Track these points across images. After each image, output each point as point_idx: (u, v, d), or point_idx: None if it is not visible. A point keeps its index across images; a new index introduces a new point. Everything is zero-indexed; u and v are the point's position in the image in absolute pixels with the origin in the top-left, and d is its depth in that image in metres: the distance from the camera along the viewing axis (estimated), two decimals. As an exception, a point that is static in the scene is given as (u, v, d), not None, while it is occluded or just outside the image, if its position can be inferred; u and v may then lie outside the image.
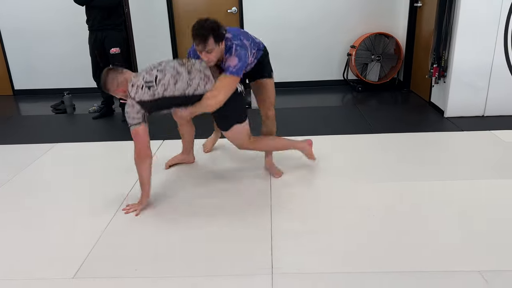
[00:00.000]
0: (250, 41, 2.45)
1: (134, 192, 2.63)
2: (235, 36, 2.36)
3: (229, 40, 2.33)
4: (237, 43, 2.32)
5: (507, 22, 3.52)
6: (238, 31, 2.44)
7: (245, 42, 2.37)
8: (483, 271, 1.81)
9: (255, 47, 2.53)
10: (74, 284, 1.85)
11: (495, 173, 2.73)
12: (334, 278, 1.82)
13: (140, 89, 2.26)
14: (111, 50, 4.01)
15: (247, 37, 2.44)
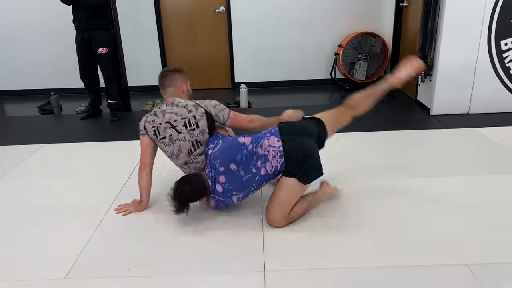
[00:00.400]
0: (250, 187, 2.15)
1: (124, 192, 2.63)
2: (224, 193, 2.14)
3: (216, 195, 2.17)
4: (223, 200, 2.17)
5: (490, 21, 3.59)
6: (234, 183, 2.13)
7: (233, 199, 2.17)
8: (470, 264, 1.86)
9: (264, 182, 2.17)
10: (66, 284, 1.84)
11: (480, 169, 2.79)
12: (324, 274, 1.84)
13: (152, 123, 2.29)
14: (99, 50, 3.98)
15: (245, 186, 2.13)
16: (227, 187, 2.14)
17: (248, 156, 2.13)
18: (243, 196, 2.19)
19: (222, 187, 2.14)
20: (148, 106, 4.56)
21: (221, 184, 2.14)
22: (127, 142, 3.52)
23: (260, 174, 2.12)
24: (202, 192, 2.17)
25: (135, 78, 5.13)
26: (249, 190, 2.18)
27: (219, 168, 2.14)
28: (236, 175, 2.12)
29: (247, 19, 5.11)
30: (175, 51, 5.32)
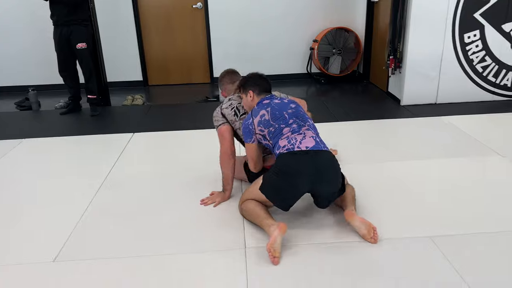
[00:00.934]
0: (275, 124, 2.18)
1: (107, 182, 2.71)
2: (266, 105, 2.25)
3: (258, 103, 2.31)
4: (255, 107, 2.30)
5: (454, 15, 3.81)
6: (284, 106, 2.24)
7: (260, 111, 2.24)
8: (434, 237, 2.03)
9: (272, 137, 2.19)
10: (55, 267, 1.92)
11: (445, 153, 2.99)
12: (302, 249, 1.98)
13: (230, 109, 2.42)
14: (78, 45, 4.01)
15: (276, 118, 2.19)
16: (271, 103, 2.26)
17: (304, 117, 2.25)
18: (266, 121, 2.19)
19: (269, 101, 2.27)
20: (127, 101, 4.62)
21: (272, 101, 2.27)
22: (108, 135, 3.58)
23: (285, 128, 2.15)
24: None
25: (114, 73, 5.17)
26: (273, 125, 2.17)
27: (286, 98, 2.36)
28: (287, 106, 2.25)
29: (224, 15, 5.21)
30: (153, 47, 5.38)
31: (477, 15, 3.82)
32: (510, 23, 3.85)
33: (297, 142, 2.10)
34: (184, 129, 3.64)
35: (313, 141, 2.12)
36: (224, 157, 2.38)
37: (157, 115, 4.16)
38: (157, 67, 5.47)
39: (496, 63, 4.00)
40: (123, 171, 2.88)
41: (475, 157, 2.92)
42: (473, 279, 1.74)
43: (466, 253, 1.91)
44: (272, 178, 2.10)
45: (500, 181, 2.58)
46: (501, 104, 4.08)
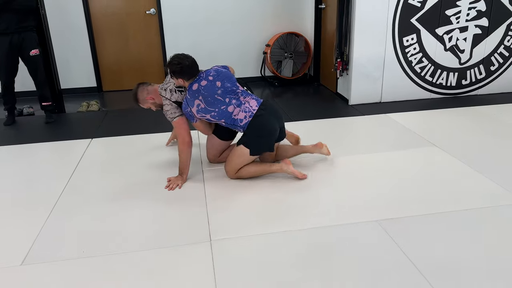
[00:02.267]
0: (213, 110, 2.58)
1: (70, 186, 2.73)
2: (194, 92, 2.57)
3: (188, 91, 2.61)
4: (187, 97, 2.60)
5: (393, 21, 4.14)
6: (209, 92, 2.57)
7: (195, 102, 2.56)
8: (380, 220, 2.26)
9: (222, 119, 2.63)
10: (23, 270, 1.95)
11: (391, 147, 3.27)
12: (258, 238, 2.14)
13: (174, 92, 2.69)
14: (32, 51, 3.95)
15: (212, 104, 2.57)
16: (198, 89, 2.57)
17: (233, 89, 2.63)
18: (204, 110, 2.58)
19: (198, 87, 2.58)
20: (83, 107, 4.59)
21: (200, 85, 2.59)
22: (66, 142, 3.57)
23: (227, 108, 2.60)
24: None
25: (67, 80, 5.11)
26: (210, 110, 2.59)
27: (210, 74, 2.63)
28: (215, 87, 2.59)
29: (178, 20, 5.30)
30: (106, 53, 5.35)
31: (414, 20, 4.17)
32: (442, 27, 4.24)
33: (250, 107, 2.61)
34: (142, 133, 3.70)
35: (255, 100, 2.65)
36: (184, 146, 2.68)
37: (115, 120, 4.17)
38: (111, 73, 5.45)
39: (432, 64, 4.38)
40: (85, 174, 2.91)
41: (416, 149, 3.21)
42: (418, 257, 1.95)
43: (410, 234, 2.14)
44: (256, 141, 2.64)
45: (437, 169, 2.88)
46: (438, 101, 4.47)
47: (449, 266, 1.89)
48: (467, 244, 2.05)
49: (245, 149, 2.64)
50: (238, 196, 2.57)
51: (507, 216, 2.28)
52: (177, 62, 2.57)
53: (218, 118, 2.63)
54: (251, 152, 2.64)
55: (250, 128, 2.61)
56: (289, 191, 2.61)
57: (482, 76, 4.54)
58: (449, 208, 2.37)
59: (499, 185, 2.60)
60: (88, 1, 5.10)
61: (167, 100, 2.70)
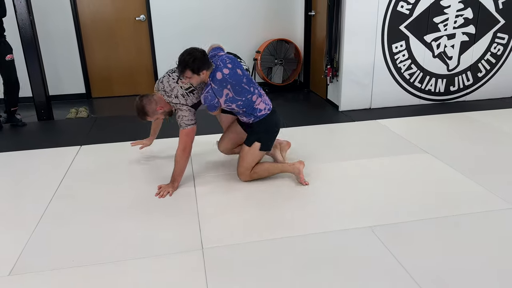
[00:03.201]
0: (241, 98, 2.54)
1: (58, 194, 2.69)
2: (221, 81, 2.48)
3: (212, 80, 2.49)
4: (215, 87, 2.48)
5: (382, 27, 4.18)
6: (235, 80, 2.51)
7: (224, 92, 2.49)
8: (373, 226, 2.26)
9: (244, 108, 2.60)
10: (12, 280, 1.90)
11: (381, 153, 3.28)
12: (250, 246, 2.12)
13: (187, 95, 2.61)
14: (7, 56, 4.03)
15: (240, 92, 2.53)
16: (226, 78, 2.50)
17: (251, 78, 2.66)
18: (231, 99, 2.54)
19: (222, 75, 2.50)
20: (71, 114, 4.53)
21: (224, 74, 2.51)
22: (54, 149, 3.52)
23: (252, 96, 2.61)
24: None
25: (55, 86, 5.05)
26: (238, 99, 2.55)
27: (227, 63, 2.55)
28: (239, 76, 2.56)
29: (168, 26, 5.28)
30: (96, 59, 5.31)
31: (402, 28, 4.22)
32: (430, 34, 4.30)
33: (268, 100, 2.73)
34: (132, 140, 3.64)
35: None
36: (184, 155, 2.64)
37: (104, 127, 4.13)
38: (101, 79, 5.40)
39: (420, 71, 4.43)
40: (74, 181, 2.87)
41: (407, 155, 3.23)
42: (409, 263, 1.96)
43: (403, 241, 2.14)
44: (267, 136, 2.73)
45: (428, 175, 2.90)
46: (427, 107, 4.52)
47: (442, 273, 1.89)
48: (460, 251, 2.06)
49: (257, 144, 2.68)
50: (230, 203, 2.56)
51: (497, 222, 2.31)
52: (193, 58, 2.39)
53: (242, 107, 2.60)
54: (262, 147, 2.69)
55: (264, 123, 2.68)
56: (281, 198, 2.60)
57: (469, 83, 4.60)
58: (441, 214, 2.38)
59: (489, 191, 2.62)
60: (77, 7, 5.07)
61: (184, 106, 2.60)
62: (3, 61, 4.01)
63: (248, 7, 5.40)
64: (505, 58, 4.57)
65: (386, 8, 4.11)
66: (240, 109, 2.62)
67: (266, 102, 2.71)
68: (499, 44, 4.49)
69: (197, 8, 5.28)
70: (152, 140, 3.22)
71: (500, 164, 3.04)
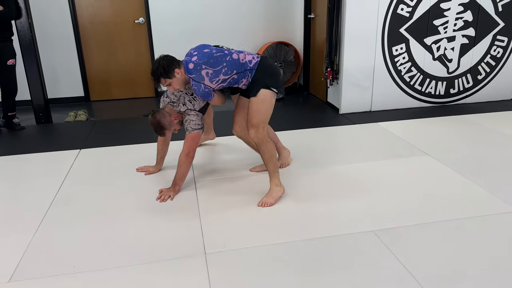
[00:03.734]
0: (221, 66, 2.41)
1: (58, 197, 2.66)
2: (195, 68, 2.40)
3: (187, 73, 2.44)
4: (193, 76, 2.41)
5: (383, 31, 4.18)
6: (205, 58, 2.41)
7: (203, 74, 2.40)
8: (376, 230, 2.24)
9: (234, 69, 2.46)
10: (12, 287, 1.87)
11: (383, 156, 3.26)
12: (254, 250, 2.10)
13: (194, 100, 2.64)
14: (9, 61, 4.00)
15: (216, 63, 2.41)
16: (197, 62, 2.40)
17: (222, 47, 2.54)
18: (214, 73, 2.41)
19: (193, 63, 2.40)
20: (70, 117, 4.51)
21: (193, 61, 2.41)
22: (53, 153, 3.49)
23: (231, 56, 2.45)
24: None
25: (53, 89, 5.03)
26: (219, 69, 2.41)
27: (193, 53, 2.47)
28: (206, 53, 2.44)
29: (168, 29, 5.27)
30: (94, 62, 5.29)
31: (402, 30, 4.22)
32: (430, 37, 4.30)
33: (252, 53, 2.58)
34: (132, 144, 3.64)
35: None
36: (188, 159, 2.64)
37: (104, 131, 4.10)
38: (99, 82, 5.38)
39: (421, 73, 4.43)
40: (74, 186, 2.85)
41: (409, 158, 3.21)
42: (416, 267, 1.94)
43: (407, 244, 2.12)
44: (271, 79, 2.52)
45: (430, 178, 2.88)
46: (427, 109, 4.51)
47: (448, 276, 1.88)
48: (465, 254, 2.05)
49: (265, 91, 2.47)
50: (232, 207, 2.53)
51: (501, 225, 2.29)
52: (157, 66, 2.42)
53: (230, 71, 2.44)
54: (276, 91, 2.51)
55: (262, 69, 2.49)
56: (284, 202, 2.58)
57: (469, 85, 4.60)
58: (445, 217, 2.37)
59: (492, 194, 2.61)
60: (76, 10, 5.05)
61: (192, 111, 2.63)
62: (5, 65, 3.98)
63: (247, 10, 5.40)
64: (505, 61, 4.57)
65: (386, 11, 4.11)
66: (231, 75, 2.46)
67: (250, 54, 2.54)
68: (498, 46, 4.49)
69: (197, 11, 5.27)
70: (158, 168, 3.05)
71: (501, 166, 3.03)
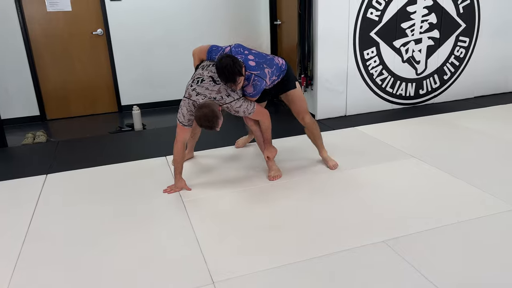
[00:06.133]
0: (274, 68, 2.74)
1: (33, 229, 2.36)
2: (257, 65, 2.66)
3: (250, 70, 2.64)
4: (258, 73, 2.64)
5: (354, 34, 4.18)
6: (263, 59, 2.71)
7: (266, 72, 2.67)
8: (387, 240, 2.16)
9: (278, 71, 2.79)
10: None
11: (370, 161, 3.22)
12: (265, 274, 1.95)
13: (234, 91, 2.68)
14: None
15: (270, 64, 2.72)
16: (257, 61, 2.67)
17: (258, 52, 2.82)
18: (271, 73, 2.70)
19: (253, 62, 2.66)
20: (28, 139, 4.12)
21: (251, 59, 2.67)
22: (16, 181, 3.13)
23: (274, 60, 2.78)
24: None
25: (5, 110, 4.60)
26: (273, 70, 2.73)
27: (244, 51, 2.72)
28: (260, 53, 2.75)
29: (128, 40, 4.99)
30: (50, 78, 4.89)
31: (373, 34, 4.25)
32: (399, 39, 4.36)
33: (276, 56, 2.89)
34: (104, 164, 3.35)
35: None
36: (267, 119, 2.91)
37: (69, 152, 3.76)
38: (56, 99, 4.98)
39: (391, 76, 4.48)
40: (48, 217, 2.55)
41: (395, 161, 3.19)
42: (435, 275, 1.88)
43: (420, 252, 2.06)
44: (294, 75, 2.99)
45: (421, 180, 2.87)
46: (399, 111, 4.56)
47: (468, 281, 1.82)
48: (478, 255, 2.01)
49: (297, 83, 2.98)
50: (229, 228, 2.36)
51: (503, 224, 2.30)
52: (232, 63, 2.48)
53: (275, 72, 2.76)
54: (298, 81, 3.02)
55: (289, 68, 2.91)
56: (280, 217, 2.45)
57: (437, 85, 4.72)
58: (450, 220, 2.34)
59: (486, 192, 2.63)
60: (26, 23, 4.64)
61: (240, 98, 2.68)
62: None
63: (212, 19, 5.24)
64: (467, 61, 4.74)
65: (356, 15, 4.11)
66: (275, 76, 2.78)
67: (277, 57, 2.88)
68: (461, 47, 4.65)
69: (159, 20, 5.04)
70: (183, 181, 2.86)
71: (482, 163, 3.09)
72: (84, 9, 4.80)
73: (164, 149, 3.54)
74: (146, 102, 5.22)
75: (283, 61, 2.90)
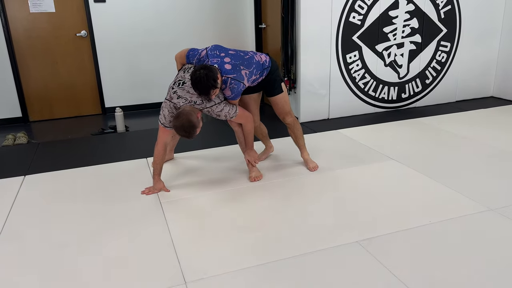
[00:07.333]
0: (253, 67, 2.70)
1: (6, 231, 2.34)
2: (233, 68, 2.62)
3: (226, 74, 2.60)
4: (234, 76, 2.61)
5: (336, 38, 4.22)
6: (240, 60, 2.67)
7: (242, 74, 2.64)
8: (360, 241, 2.18)
9: (259, 69, 2.76)
10: None
11: (349, 163, 3.24)
12: (237, 274, 1.95)
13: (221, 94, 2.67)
14: None
15: (248, 65, 2.69)
16: (234, 63, 2.63)
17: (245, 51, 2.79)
18: (249, 74, 2.67)
19: (229, 64, 2.62)
20: (8, 140, 4.08)
21: (228, 62, 2.62)
22: (-8, 181, 3.11)
23: (255, 58, 2.74)
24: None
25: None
26: (252, 70, 2.69)
27: (220, 54, 2.65)
28: (237, 54, 2.70)
29: (112, 42, 4.98)
30: (33, 81, 4.86)
31: (355, 38, 4.29)
32: (381, 44, 4.41)
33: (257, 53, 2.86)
34: (84, 166, 3.33)
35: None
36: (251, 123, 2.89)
37: (49, 154, 3.74)
38: (39, 101, 4.95)
39: (374, 79, 4.52)
40: (23, 218, 2.52)
41: (374, 164, 3.22)
42: (403, 273, 1.90)
43: (393, 252, 2.08)
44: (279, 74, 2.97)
45: (400, 182, 2.90)
46: (381, 114, 4.61)
47: (438, 281, 1.84)
48: (450, 256, 2.03)
49: (283, 85, 2.96)
50: (205, 228, 2.36)
51: (477, 225, 2.32)
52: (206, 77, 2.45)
53: (256, 72, 2.73)
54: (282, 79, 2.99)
55: (274, 65, 2.87)
56: (256, 218, 2.45)
57: (419, 89, 4.78)
58: (424, 221, 2.36)
59: (461, 194, 2.66)
60: (9, 24, 4.61)
61: (222, 103, 2.66)
62: None
63: (197, 21, 5.25)
64: (449, 65, 4.81)
65: (339, 19, 4.15)
66: (256, 75, 2.74)
67: (258, 53, 2.84)
68: (443, 52, 4.71)
69: (144, 22, 5.04)
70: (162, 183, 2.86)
71: (460, 166, 3.13)
72: (68, 11, 4.78)
73: (145, 151, 3.53)
74: (130, 104, 5.21)
75: (267, 57, 2.85)
